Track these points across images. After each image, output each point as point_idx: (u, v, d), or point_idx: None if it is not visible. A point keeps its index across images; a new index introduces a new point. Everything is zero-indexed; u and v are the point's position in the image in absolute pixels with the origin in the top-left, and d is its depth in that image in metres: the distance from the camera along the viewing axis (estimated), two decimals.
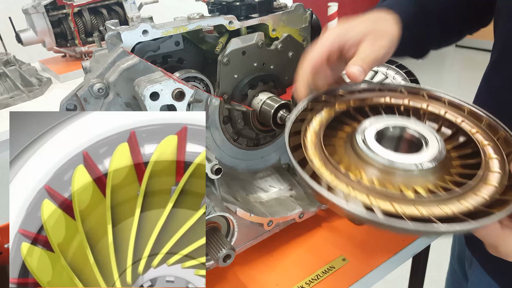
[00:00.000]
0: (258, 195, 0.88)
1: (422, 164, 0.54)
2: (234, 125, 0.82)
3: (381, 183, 0.55)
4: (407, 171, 0.55)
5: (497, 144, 0.60)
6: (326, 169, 0.57)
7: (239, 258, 0.82)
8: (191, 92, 0.60)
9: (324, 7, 4.10)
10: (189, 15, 0.75)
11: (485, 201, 0.50)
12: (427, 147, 0.57)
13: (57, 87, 1.97)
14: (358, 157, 0.58)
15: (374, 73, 1.06)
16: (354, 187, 0.53)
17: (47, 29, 2.07)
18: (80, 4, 2.11)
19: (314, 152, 0.60)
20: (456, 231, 0.46)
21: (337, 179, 0.55)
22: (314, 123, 0.66)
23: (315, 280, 0.76)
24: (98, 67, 0.66)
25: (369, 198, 0.51)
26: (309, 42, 0.88)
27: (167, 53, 0.79)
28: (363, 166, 0.57)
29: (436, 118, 0.67)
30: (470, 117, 0.65)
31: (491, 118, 0.62)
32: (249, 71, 0.79)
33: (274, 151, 0.93)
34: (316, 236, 0.87)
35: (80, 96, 0.63)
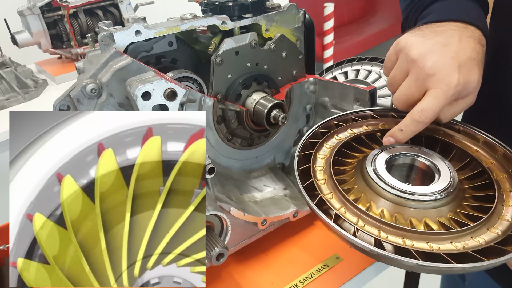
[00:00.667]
0: (252, 194, 0.88)
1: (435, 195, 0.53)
2: (228, 125, 0.83)
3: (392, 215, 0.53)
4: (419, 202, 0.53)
5: (499, 161, 0.59)
6: (335, 198, 0.56)
7: (234, 257, 0.82)
8: (183, 92, 0.60)
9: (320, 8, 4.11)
10: (182, 15, 0.76)
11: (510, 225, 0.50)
12: (440, 177, 0.56)
13: (53, 89, 1.97)
14: (370, 188, 0.57)
15: (367, 73, 1.07)
16: (364, 220, 0.52)
17: (42, 31, 2.07)
18: (76, 5, 2.11)
19: (324, 180, 0.59)
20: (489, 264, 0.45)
21: (348, 210, 0.54)
22: (325, 149, 0.66)
23: (309, 278, 0.76)
24: (91, 67, 0.66)
25: (379, 233, 0.50)
26: (302, 42, 0.88)
27: (161, 53, 0.79)
28: (374, 197, 0.55)
29: (449, 146, 0.65)
30: (485, 148, 0.63)
31: (506, 148, 0.61)
32: (242, 71, 0.79)
33: (269, 150, 0.93)
34: (310, 235, 0.88)
35: (73, 96, 0.64)
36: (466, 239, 0.49)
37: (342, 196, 0.55)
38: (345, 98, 0.86)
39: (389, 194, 0.54)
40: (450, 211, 0.53)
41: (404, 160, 0.62)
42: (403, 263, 0.44)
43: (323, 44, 4.35)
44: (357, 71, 1.09)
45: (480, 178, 0.58)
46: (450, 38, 0.58)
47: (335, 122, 0.71)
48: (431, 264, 0.44)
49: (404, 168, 0.63)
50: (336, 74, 1.12)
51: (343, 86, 0.86)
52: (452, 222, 0.52)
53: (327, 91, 0.91)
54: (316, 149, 0.65)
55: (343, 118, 0.72)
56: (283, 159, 0.98)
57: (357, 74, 1.08)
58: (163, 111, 0.60)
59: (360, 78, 1.07)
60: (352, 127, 0.70)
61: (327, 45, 4.34)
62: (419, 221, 0.52)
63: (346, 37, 4.90)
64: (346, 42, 4.78)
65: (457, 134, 0.66)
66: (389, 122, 0.70)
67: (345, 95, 0.86)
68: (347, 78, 1.09)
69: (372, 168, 0.57)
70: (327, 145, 0.67)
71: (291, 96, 0.91)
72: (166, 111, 0.60)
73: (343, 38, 4.84)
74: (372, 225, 0.51)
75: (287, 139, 0.96)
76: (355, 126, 0.71)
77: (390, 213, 0.53)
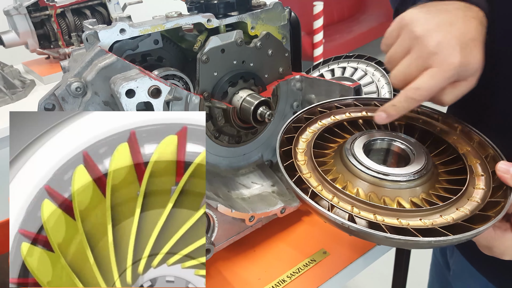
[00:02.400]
0: (240, 191, 0.89)
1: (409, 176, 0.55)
2: (215, 123, 0.83)
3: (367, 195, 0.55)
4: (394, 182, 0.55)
5: (474, 148, 0.62)
6: (314, 177, 0.58)
7: (222, 254, 0.83)
8: (167, 89, 0.60)
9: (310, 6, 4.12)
10: (167, 13, 0.76)
11: (478, 205, 0.52)
12: (414, 160, 0.58)
13: (40, 89, 1.95)
14: (347, 169, 0.59)
15: (354, 70, 1.08)
16: (340, 197, 0.54)
17: (29, 31, 2.05)
18: (63, 5, 2.09)
19: (304, 161, 0.61)
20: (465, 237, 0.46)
21: (324, 188, 0.56)
22: (308, 133, 0.68)
23: (296, 273, 0.77)
24: (76, 66, 0.66)
25: (352, 209, 0.52)
26: (288, 40, 0.89)
27: (146, 51, 0.79)
28: (351, 178, 0.58)
29: (428, 133, 0.67)
30: (444, 126, 0.66)
31: (465, 125, 0.64)
32: (228, 68, 0.80)
33: (256, 148, 0.94)
34: (298, 231, 0.88)
35: (58, 95, 0.63)
36: (435, 217, 0.51)
37: (320, 176, 0.57)
38: (331, 95, 0.87)
39: (365, 174, 0.56)
40: (423, 192, 0.55)
41: (381, 145, 0.64)
42: (373, 236, 0.47)
43: (312, 43, 4.37)
44: (343, 69, 1.10)
45: (455, 164, 0.61)
46: (456, 17, 0.56)
47: (319, 108, 0.73)
48: (398, 237, 0.45)
49: (381, 152, 0.65)
50: (323, 71, 1.13)
51: (329, 83, 0.87)
52: (424, 202, 0.54)
53: (313, 88, 0.91)
54: (299, 133, 0.67)
55: (327, 106, 0.74)
56: (271, 156, 0.98)
57: (343, 72, 1.09)
58: (165, 112, 0.61)
59: (346, 75, 1.08)
60: (335, 114, 0.73)
61: (316, 43, 4.36)
62: (392, 200, 0.55)
63: (335, 36, 4.92)
64: (335, 41, 4.80)
65: (436, 122, 0.69)
66: (371, 110, 0.73)
67: (331, 92, 0.87)
68: (333, 75, 1.10)
69: (350, 150, 0.60)
70: (309, 129, 0.69)
71: (278, 94, 0.91)
72: (151, 109, 0.60)
73: (332, 36, 4.87)
74: (346, 202, 0.54)
75: (274, 136, 0.96)
76: (338, 113, 0.73)
77: (364, 192, 0.56)
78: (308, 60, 4.28)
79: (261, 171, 0.94)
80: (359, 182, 0.57)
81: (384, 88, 1.01)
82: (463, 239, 0.46)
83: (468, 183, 0.55)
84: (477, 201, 0.53)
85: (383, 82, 1.03)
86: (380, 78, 1.03)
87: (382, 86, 1.02)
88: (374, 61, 1.08)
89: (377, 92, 1.00)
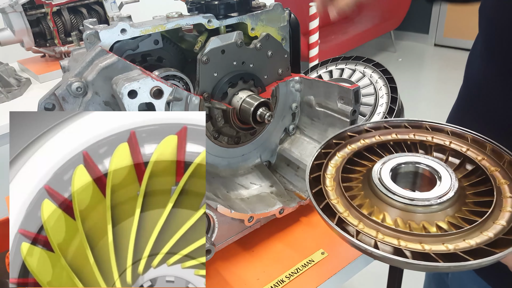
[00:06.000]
0: (239, 192, 0.89)
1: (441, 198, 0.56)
2: (214, 123, 0.83)
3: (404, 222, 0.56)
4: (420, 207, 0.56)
5: (504, 169, 0.61)
6: (341, 203, 0.60)
7: (220, 254, 0.83)
8: (169, 90, 0.60)
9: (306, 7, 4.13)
10: (167, 14, 0.76)
11: (503, 228, 0.52)
12: (440, 183, 0.59)
13: (36, 87, 1.94)
14: (374, 194, 0.60)
15: (352, 72, 1.09)
16: (365, 223, 0.55)
17: (25, 29, 2.03)
18: (59, 3, 2.08)
19: (332, 187, 0.63)
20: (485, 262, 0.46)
21: (351, 214, 0.58)
22: (337, 158, 0.69)
23: (295, 273, 0.78)
24: (76, 66, 0.66)
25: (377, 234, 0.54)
26: (288, 41, 0.89)
27: (146, 52, 0.79)
28: (378, 203, 0.59)
29: (442, 149, 0.68)
30: (474, 145, 0.66)
31: (494, 144, 0.64)
32: (228, 69, 0.80)
33: (255, 148, 0.94)
34: (296, 231, 0.89)
35: (59, 95, 0.63)
36: (458, 241, 0.51)
37: (347, 202, 0.59)
38: (329, 96, 0.88)
39: (391, 200, 0.57)
40: (449, 215, 0.56)
41: (409, 168, 0.65)
42: (394, 260, 0.48)
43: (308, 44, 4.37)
44: (341, 70, 1.11)
45: (484, 185, 0.60)
46: None
47: (348, 133, 0.74)
48: (418, 262, 0.47)
49: (410, 175, 0.66)
50: (321, 73, 1.14)
51: (327, 85, 0.88)
52: (450, 225, 0.54)
53: (312, 89, 0.92)
54: (328, 159, 0.69)
55: (357, 130, 0.75)
56: (270, 157, 0.99)
57: (342, 73, 1.10)
58: (165, 112, 0.61)
59: (345, 76, 1.08)
60: (364, 138, 0.73)
61: (312, 44, 4.36)
62: (417, 224, 0.55)
63: (331, 37, 4.93)
64: (331, 42, 4.81)
65: (465, 142, 0.68)
66: (402, 132, 0.73)
67: (329, 94, 0.88)
68: (331, 76, 1.11)
69: (377, 176, 0.61)
70: (339, 154, 0.71)
71: (277, 95, 0.92)
72: (153, 110, 0.60)
73: (328, 37, 4.88)
74: (372, 227, 0.55)
75: (273, 137, 0.97)
76: (368, 136, 0.74)
77: (391, 217, 0.57)
78: (304, 61, 4.28)
79: (259, 172, 0.95)
80: (385, 207, 0.57)
81: (382, 90, 1.02)
82: (483, 264, 0.46)
83: (495, 206, 0.55)
84: (503, 224, 0.52)
85: (381, 84, 1.03)
86: (378, 80, 1.04)
87: (380, 87, 1.03)
88: (371, 63, 1.09)
89: (375, 93, 1.01)
